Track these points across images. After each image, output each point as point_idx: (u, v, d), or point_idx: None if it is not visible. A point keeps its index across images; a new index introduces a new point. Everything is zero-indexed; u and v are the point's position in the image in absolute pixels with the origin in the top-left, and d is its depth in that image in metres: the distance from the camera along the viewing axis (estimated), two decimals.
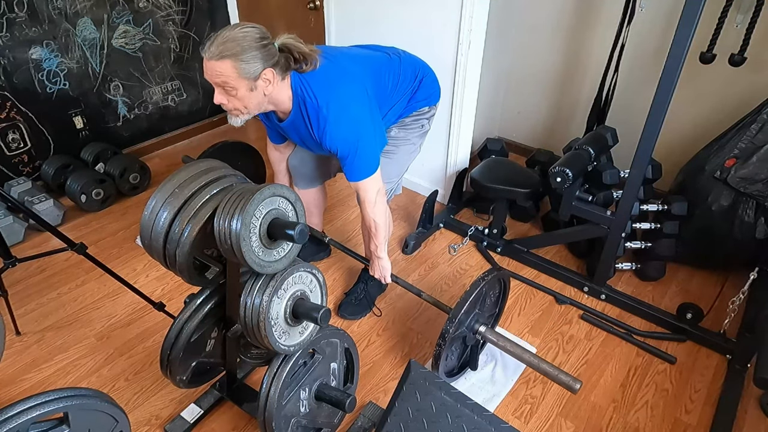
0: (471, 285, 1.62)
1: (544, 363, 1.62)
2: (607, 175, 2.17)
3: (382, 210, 1.75)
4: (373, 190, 1.69)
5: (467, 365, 1.85)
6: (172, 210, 1.18)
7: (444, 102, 2.48)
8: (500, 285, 1.84)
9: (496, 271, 1.71)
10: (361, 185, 1.68)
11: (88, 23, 2.71)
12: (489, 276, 1.66)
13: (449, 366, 1.78)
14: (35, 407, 0.99)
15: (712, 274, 2.30)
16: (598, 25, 2.65)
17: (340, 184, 2.91)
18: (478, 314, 1.72)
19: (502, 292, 1.88)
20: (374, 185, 1.68)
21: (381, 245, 1.81)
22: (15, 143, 2.65)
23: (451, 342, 1.64)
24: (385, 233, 1.81)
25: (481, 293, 1.66)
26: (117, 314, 2.08)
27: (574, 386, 1.54)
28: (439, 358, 1.61)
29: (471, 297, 1.59)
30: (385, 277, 1.88)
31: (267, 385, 1.34)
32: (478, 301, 1.68)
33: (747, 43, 2.02)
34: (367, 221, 1.76)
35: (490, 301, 1.82)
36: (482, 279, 1.64)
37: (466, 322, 1.67)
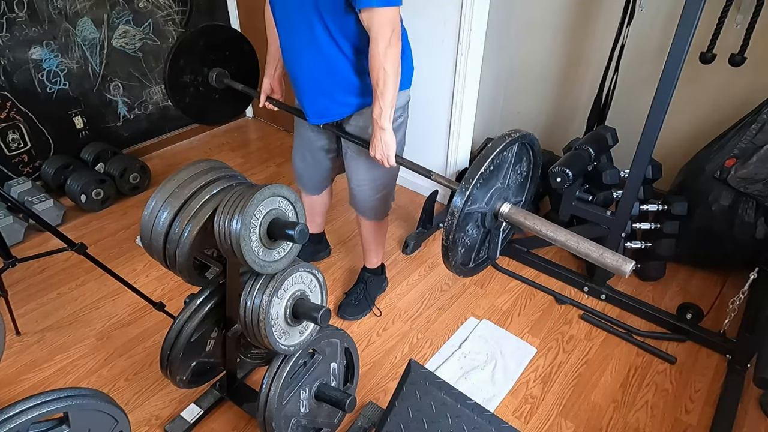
0: (490, 144, 1.26)
1: (584, 242, 1.26)
2: (607, 175, 2.17)
3: (394, 58, 1.43)
4: (389, 25, 1.39)
5: (487, 259, 1.50)
6: (172, 210, 1.18)
7: (444, 102, 2.48)
8: (528, 158, 1.43)
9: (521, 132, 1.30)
10: (375, 15, 1.37)
11: (88, 23, 2.71)
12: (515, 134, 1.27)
13: (464, 255, 1.42)
14: (35, 407, 0.99)
15: (712, 274, 2.30)
16: (598, 25, 2.65)
17: (340, 184, 2.90)
18: (501, 189, 1.34)
19: (532, 170, 1.47)
20: (391, 19, 1.39)
21: (386, 109, 1.48)
22: (15, 143, 2.65)
23: (465, 220, 1.28)
24: (394, 92, 1.48)
25: (504, 159, 1.29)
26: (117, 314, 2.08)
27: (624, 267, 1.20)
28: (450, 231, 1.24)
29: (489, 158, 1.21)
30: (389, 156, 1.56)
31: (267, 385, 1.35)
32: (500, 170, 1.31)
33: (747, 43, 2.02)
34: (375, 70, 1.44)
35: (516, 181, 1.42)
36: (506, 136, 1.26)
37: (483, 198, 1.31)
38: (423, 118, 2.56)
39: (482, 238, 1.44)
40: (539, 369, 1.89)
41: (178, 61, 1.85)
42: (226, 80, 1.95)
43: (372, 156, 1.59)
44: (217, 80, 1.94)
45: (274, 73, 1.85)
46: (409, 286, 2.26)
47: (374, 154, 1.58)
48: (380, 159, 1.57)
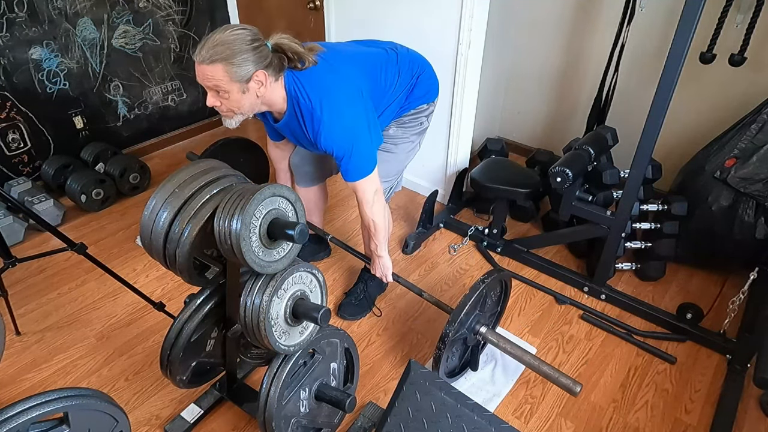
0: (471, 287, 1.61)
1: (544, 365, 1.62)
2: (607, 175, 2.18)
3: (380, 209, 1.73)
4: (371, 190, 1.68)
5: (468, 365, 1.85)
6: (172, 210, 1.18)
7: (444, 102, 2.48)
8: (501, 286, 1.83)
9: (497, 273, 1.70)
10: (358, 185, 1.66)
11: (88, 23, 2.71)
12: (489, 278, 1.65)
13: (450, 366, 1.77)
14: (35, 407, 0.99)
15: (712, 274, 2.30)
16: (598, 25, 2.65)
17: (340, 184, 2.91)
18: (479, 315, 1.71)
19: (503, 293, 1.87)
20: (371, 185, 1.67)
21: (381, 244, 1.81)
22: (15, 143, 2.65)
23: (452, 344, 1.63)
24: (385, 232, 1.80)
25: (482, 295, 1.65)
26: (117, 314, 2.08)
27: (574, 389, 1.54)
28: (439, 360, 1.59)
29: (471, 299, 1.58)
30: (387, 276, 1.87)
31: (267, 385, 1.34)
32: (478, 302, 1.67)
33: (747, 43, 2.02)
34: (366, 221, 1.75)
35: (491, 302, 1.81)
36: (482, 281, 1.63)
37: (466, 324, 1.66)
38: None
39: (463, 352, 1.81)
40: None
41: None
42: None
43: (373, 273, 1.92)
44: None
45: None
46: None
47: (375, 273, 1.90)
48: (380, 277, 1.90)
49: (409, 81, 1.81)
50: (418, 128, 1.91)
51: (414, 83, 1.82)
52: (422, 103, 1.87)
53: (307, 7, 2.79)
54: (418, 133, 1.92)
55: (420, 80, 1.84)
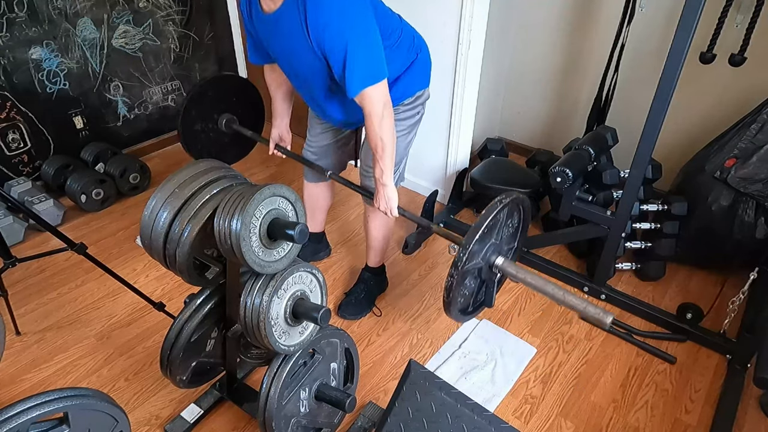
0: (486, 209, 1.38)
1: (569, 296, 1.38)
2: (607, 175, 2.18)
3: (389, 126, 1.55)
4: (380, 101, 1.50)
5: (483, 304, 1.64)
6: (172, 210, 1.18)
7: (444, 102, 2.48)
8: (519, 213, 1.58)
9: (514, 195, 1.46)
10: (365, 95, 1.47)
11: (88, 23, 2.70)
12: (506, 199, 1.41)
13: (463, 304, 1.56)
14: (35, 407, 0.99)
15: (712, 274, 2.30)
16: (598, 25, 2.65)
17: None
18: (495, 245, 1.48)
19: (522, 222, 1.61)
20: (381, 95, 1.50)
21: (387, 169, 1.61)
22: (15, 143, 2.65)
23: (464, 275, 1.42)
24: (392, 155, 1.61)
25: (497, 220, 1.42)
26: (117, 314, 2.08)
27: (605, 320, 1.32)
28: (451, 290, 1.39)
29: (485, 223, 1.35)
30: (392, 208, 1.68)
31: (267, 385, 1.35)
32: (494, 229, 1.44)
33: (747, 43, 2.02)
34: (373, 140, 1.56)
35: (508, 233, 1.57)
36: (498, 202, 1.40)
37: (480, 253, 1.44)
38: (423, 118, 2.56)
39: (478, 287, 1.59)
40: (539, 369, 1.89)
41: (190, 111, 1.99)
42: (235, 126, 2.09)
43: (376, 207, 1.73)
44: (227, 126, 2.09)
45: (281, 125, 1.99)
46: (409, 286, 2.26)
47: (378, 206, 1.71)
48: (384, 210, 1.70)
49: (409, 51, 1.71)
50: (414, 118, 1.83)
51: (414, 57, 1.72)
52: (419, 89, 1.78)
53: None
54: (414, 123, 1.84)
55: (419, 59, 1.74)
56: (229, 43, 3.41)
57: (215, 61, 3.40)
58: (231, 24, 3.34)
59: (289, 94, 1.96)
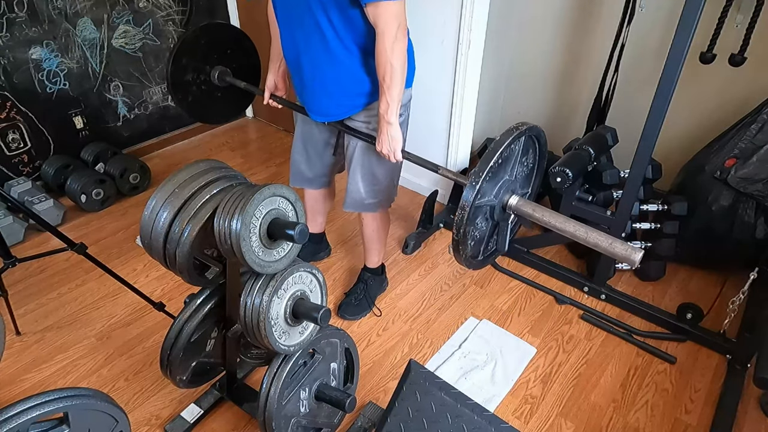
0: (499, 137, 1.27)
1: (593, 232, 1.27)
2: (607, 175, 2.17)
3: (401, 51, 1.44)
4: (395, 20, 1.39)
5: (495, 252, 1.53)
6: (172, 210, 1.18)
7: (444, 102, 2.48)
8: (535, 150, 1.44)
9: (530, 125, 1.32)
10: (381, 9, 1.37)
11: (88, 23, 2.70)
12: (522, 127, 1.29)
13: (473, 249, 1.43)
14: (35, 407, 0.99)
15: (712, 274, 2.30)
16: (598, 25, 2.65)
17: (341, 184, 2.91)
18: (509, 182, 1.35)
19: (537, 162, 1.48)
20: (397, 13, 1.39)
21: (393, 103, 1.49)
22: (15, 143, 2.65)
23: (475, 213, 1.29)
24: (401, 86, 1.49)
25: (512, 151, 1.30)
26: (117, 314, 2.08)
27: (633, 257, 1.20)
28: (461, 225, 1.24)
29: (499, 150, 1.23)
30: (396, 151, 1.57)
31: (267, 385, 1.35)
32: (507, 162, 1.33)
33: (747, 43, 2.02)
34: (382, 65, 1.44)
35: (523, 172, 1.45)
36: (514, 129, 1.27)
37: (493, 190, 1.32)
38: (423, 118, 2.56)
39: (491, 230, 1.45)
40: (539, 369, 1.89)
41: (181, 59, 1.85)
42: (229, 78, 1.95)
43: (379, 151, 1.59)
44: (220, 78, 1.95)
45: (279, 70, 1.85)
46: (409, 286, 2.26)
47: (381, 149, 1.58)
48: (387, 153, 1.57)
49: None
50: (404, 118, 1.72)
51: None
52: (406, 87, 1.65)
53: None
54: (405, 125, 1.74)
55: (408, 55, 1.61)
56: None
57: None
58: (231, 23, 3.34)
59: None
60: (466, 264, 1.42)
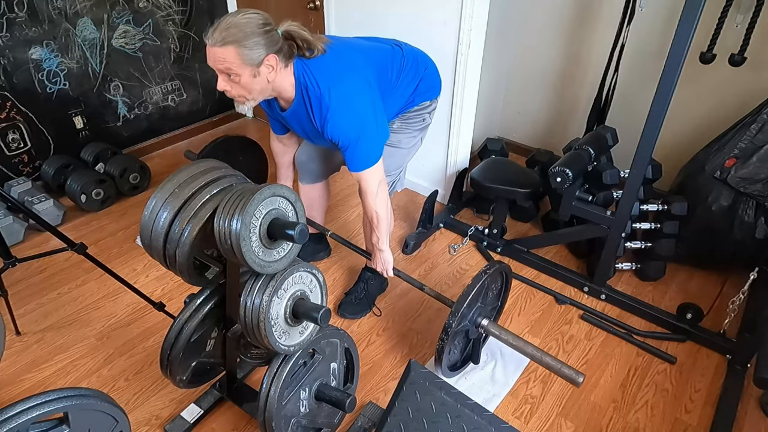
0: (473, 278, 1.61)
1: (546, 356, 1.61)
2: (607, 175, 2.17)
3: (383, 201, 1.73)
4: (375, 181, 1.67)
5: (470, 359, 1.85)
6: (172, 210, 1.18)
7: (444, 102, 2.48)
8: (502, 278, 1.83)
9: (498, 264, 1.70)
10: (363, 176, 1.66)
11: (88, 23, 2.70)
12: (491, 269, 1.65)
13: (452, 360, 1.78)
14: (35, 407, 0.99)
15: (712, 274, 2.30)
16: (598, 25, 2.65)
17: (340, 184, 2.91)
18: (481, 307, 1.71)
19: (504, 285, 1.87)
20: (376, 176, 1.67)
21: (383, 237, 1.79)
22: (15, 143, 2.65)
23: (454, 336, 1.63)
24: (387, 225, 1.79)
25: (484, 286, 1.64)
26: (117, 314, 2.08)
27: (577, 379, 1.52)
28: (442, 352, 1.60)
29: (473, 290, 1.58)
30: (387, 270, 1.86)
31: (267, 385, 1.35)
32: (480, 294, 1.66)
33: (747, 43, 2.02)
34: (369, 213, 1.74)
35: (492, 295, 1.81)
36: (484, 272, 1.63)
37: (468, 316, 1.66)
38: None
39: (465, 345, 1.81)
40: (539, 369, 1.89)
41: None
42: None
43: (374, 268, 1.89)
44: None
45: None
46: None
47: (375, 267, 1.88)
48: (380, 271, 1.87)
49: (414, 77, 1.82)
50: (420, 124, 1.91)
51: (419, 79, 1.83)
52: (425, 100, 1.88)
53: (307, 7, 2.79)
54: (420, 129, 1.92)
55: (425, 77, 1.84)
56: None
57: None
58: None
59: (292, 163, 2.11)
60: (446, 376, 1.74)
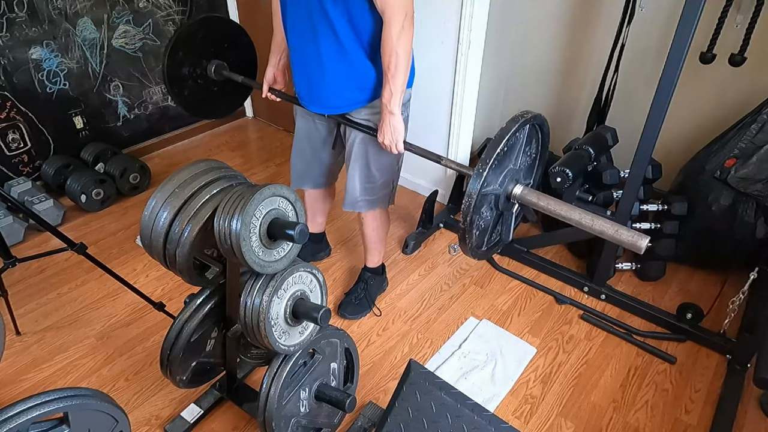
0: (501, 128, 1.28)
1: (598, 220, 1.28)
2: (607, 175, 2.17)
3: (407, 42, 1.46)
4: (403, 9, 1.42)
5: (500, 242, 1.55)
6: (172, 210, 1.18)
7: (444, 102, 2.48)
8: (537, 139, 1.46)
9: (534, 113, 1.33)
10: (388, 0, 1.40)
11: (88, 23, 2.70)
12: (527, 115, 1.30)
13: (478, 239, 1.44)
14: (35, 407, 0.99)
15: (712, 274, 2.30)
16: (598, 25, 2.65)
17: (340, 184, 2.91)
18: (513, 171, 1.37)
19: (540, 151, 1.49)
20: (406, 2, 1.43)
21: (396, 93, 1.50)
22: (15, 143, 2.65)
23: (481, 202, 1.30)
24: (405, 76, 1.51)
25: (517, 139, 1.31)
26: (117, 314, 2.08)
27: (640, 243, 1.22)
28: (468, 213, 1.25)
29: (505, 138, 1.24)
30: (398, 141, 1.57)
31: (267, 385, 1.35)
32: (512, 151, 1.34)
33: (747, 43, 2.02)
34: (387, 53, 1.46)
35: (526, 162, 1.46)
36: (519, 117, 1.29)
37: (498, 179, 1.34)
38: (423, 118, 2.56)
39: (495, 220, 1.47)
40: (539, 369, 1.89)
41: (177, 53, 1.84)
42: (225, 72, 1.94)
43: (381, 142, 1.59)
44: (216, 72, 1.94)
45: (278, 63, 1.85)
46: (409, 286, 2.26)
47: (383, 140, 1.58)
48: (389, 144, 1.57)
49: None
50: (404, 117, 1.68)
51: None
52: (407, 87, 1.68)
53: None
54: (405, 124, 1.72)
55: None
56: None
57: None
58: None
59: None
60: (471, 254, 1.43)
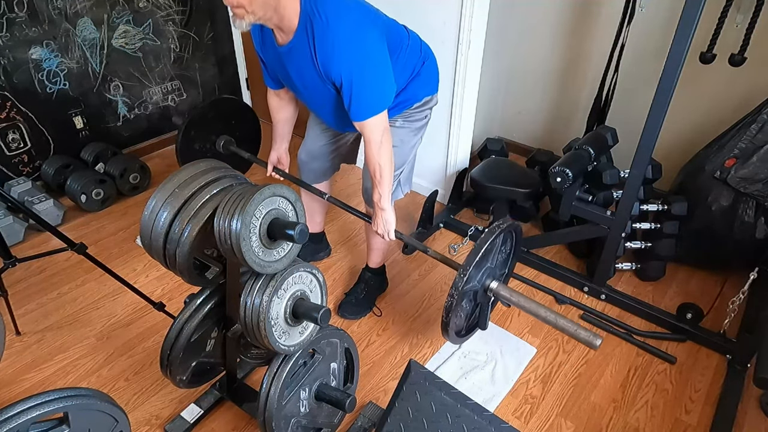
0: (481, 238, 1.50)
1: (561, 319, 1.49)
2: (607, 175, 2.17)
3: (387, 152, 1.61)
4: (379, 129, 1.56)
5: (477, 326, 1.77)
6: (172, 210, 1.18)
7: (444, 102, 2.48)
8: (512, 239, 1.72)
9: (509, 222, 1.58)
10: (366, 124, 1.55)
11: (88, 23, 2.71)
12: (503, 225, 1.53)
13: (458, 326, 1.68)
14: (35, 407, 0.99)
15: (712, 274, 2.30)
16: (598, 25, 2.65)
17: (341, 184, 2.91)
18: (490, 269, 1.60)
19: (513, 248, 1.75)
20: (380, 124, 1.56)
21: (385, 194, 1.67)
22: (15, 143, 2.65)
23: (462, 297, 1.52)
24: (390, 180, 1.67)
25: (494, 245, 1.53)
26: (117, 314, 2.08)
27: (594, 342, 1.42)
28: (450, 309, 1.48)
29: (483, 248, 1.46)
30: (389, 231, 1.74)
31: (267, 385, 1.35)
32: (489, 253, 1.55)
33: (747, 43, 2.02)
34: (372, 165, 1.62)
35: (501, 258, 1.71)
36: (496, 227, 1.52)
37: (476, 277, 1.56)
38: None
39: (473, 309, 1.71)
40: (539, 369, 1.89)
41: (190, 132, 2.07)
42: (233, 148, 2.16)
43: (375, 231, 1.77)
44: (224, 148, 2.17)
45: (281, 147, 2.03)
46: (409, 286, 2.26)
47: (376, 230, 1.76)
48: (381, 233, 1.75)
49: (416, 60, 1.75)
50: (422, 121, 1.86)
51: (420, 65, 1.76)
52: (427, 94, 1.82)
53: None
54: (421, 126, 1.87)
55: (426, 65, 1.78)
56: (229, 43, 3.41)
57: (215, 62, 3.40)
58: (231, 24, 3.34)
59: (290, 120, 2.01)
60: (452, 341, 1.67)
